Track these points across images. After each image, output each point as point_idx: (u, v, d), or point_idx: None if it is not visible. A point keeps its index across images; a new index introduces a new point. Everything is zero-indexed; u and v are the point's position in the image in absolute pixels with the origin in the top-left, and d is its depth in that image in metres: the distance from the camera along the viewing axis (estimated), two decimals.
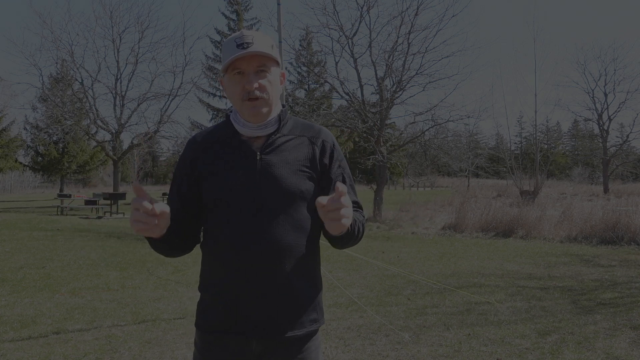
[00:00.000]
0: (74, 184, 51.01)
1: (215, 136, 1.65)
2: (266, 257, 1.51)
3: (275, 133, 1.61)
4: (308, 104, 19.28)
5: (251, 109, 1.55)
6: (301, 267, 1.57)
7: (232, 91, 1.58)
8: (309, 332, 1.59)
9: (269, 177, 1.55)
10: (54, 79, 30.02)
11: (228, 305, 1.54)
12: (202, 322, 1.60)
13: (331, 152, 1.66)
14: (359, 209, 1.68)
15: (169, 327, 4.75)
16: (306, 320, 1.58)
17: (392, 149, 17.54)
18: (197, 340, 1.63)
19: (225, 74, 1.59)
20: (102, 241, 11.16)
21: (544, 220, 11.90)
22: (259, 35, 1.56)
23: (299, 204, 1.57)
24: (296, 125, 1.67)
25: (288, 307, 1.54)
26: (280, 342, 1.54)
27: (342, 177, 1.66)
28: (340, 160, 1.68)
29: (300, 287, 1.56)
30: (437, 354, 4.08)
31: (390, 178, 49.07)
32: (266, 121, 1.60)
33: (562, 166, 66.62)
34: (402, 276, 7.11)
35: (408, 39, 15.95)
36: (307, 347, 1.59)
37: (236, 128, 1.62)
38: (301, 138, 1.64)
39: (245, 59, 1.53)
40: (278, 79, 1.61)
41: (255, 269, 1.51)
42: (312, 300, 1.60)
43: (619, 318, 5.02)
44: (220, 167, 1.58)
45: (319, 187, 1.62)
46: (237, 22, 35.78)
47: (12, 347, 4.23)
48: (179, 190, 1.63)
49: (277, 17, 4.68)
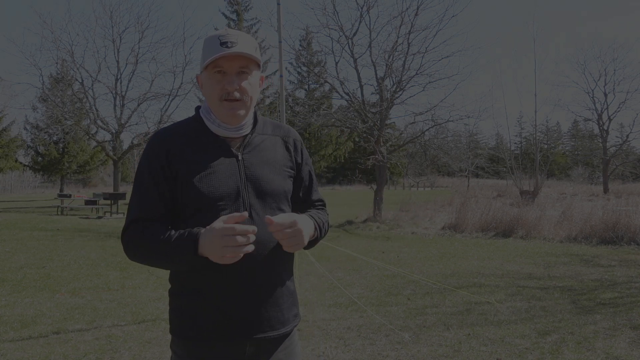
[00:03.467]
0: (74, 184, 50.97)
1: (187, 134, 1.56)
2: (255, 258, 1.48)
3: (251, 133, 1.60)
4: (308, 104, 19.27)
5: (229, 110, 1.51)
6: (285, 265, 1.59)
7: (211, 90, 1.52)
8: (293, 326, 1.62)
9: (253, 178, 1.53)
10: (54, 79, 30.02)
11: (220, 309, 1.48)
12: (188, 330, 1.52)
13: (301, 151, 1.69)
14: (324, 207, 1.75)
15: (169, 327, 4.74)
16: (291, 316, 1.61)
17: (392, 149, 17.53)
18: (179, 351, 1.55)
19: (204, 71, 1.53)
20: (102, 241, 11.17)
21: (543, 220, 11.90)
22: (243, 35, 1.53)
23: (282, 203, 1.58)
24: (266, 124, 1.67)
25: (278, 305, 1.55)
26: (271, 341, 1.55)
27: (309, 175, 1.72)
28: (307, 159, 1.72)
29: (286, 285, 1.59)
30: (437, 354, 4.08)
31: (390, 178, 49.06)
32: (241, 124, 1.57)
33: (562, 166, 66.58)
34: (402, 276, 7.11)
35: (408, 39, 15.94)
36: (290, 341, 1.62)
37: (210, 128, 1.56)
38: (274, 137, 1.64)
39: (228, 59, 1.49)
40: (257, 82, 1.58)
41: (246, 271, 1.48)
42: (293, 295, 1.63)
43: (619, 318, 5.02)
44: (201, 169, 1.50)
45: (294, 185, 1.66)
46: (237, 22, 35.82)
47: (12, 347, 4.23)
48: (160, 193, 1.50)
49: (277, 17, 4.68)
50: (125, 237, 1.51)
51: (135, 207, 1.52)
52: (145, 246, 1.46)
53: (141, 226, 1.49)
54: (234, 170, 1.52)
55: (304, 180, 1.69)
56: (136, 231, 1.49)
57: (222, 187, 1.49)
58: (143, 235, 1.47)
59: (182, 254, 1.41)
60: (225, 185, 1.50)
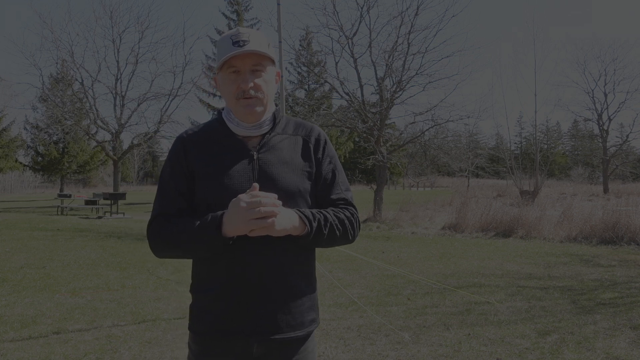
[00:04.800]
0: (74, 184, 51.02)
1: (207, 134, 1.61)
2: (266, 257, 1.50)
3: (270, 132, 1.60)
4: (308, 104, 19.28)
5: (245, 108, 1.54)
6: (300, 267, 1.57)
7: (227, 89, 1.56)
8: (308, 332, 1.59)
9: (267, 177, 1.53)
10: (54, 79, 30.06)
11: (229, 307, 1.50)
12: (199, 325, 1.56)
13: (323, 148, 1.65)
14: (347, 206, 1.64)
15: (169, 327, 4.75)
16: (306, 321, 1.57)
17: (392, 149, 17.52)
18: (192, 345, 1.59)
19: (219, 71, 1.57)
20: (102, 241, 11.17)
21: (543, 220, 11.90)
22: (255, 33, 1.55)
23: (297, 202, 1.56)
24: (289, 124, 1.67)
25: (289, 307, 1.53)
26: (281, 343, 1.53)
27: (332, 173, 1.64)
28: (332, 157, 1.67)
29: (300, 287, 1.56)
30: (437, 354, 4.08)
31: (390, 178, 49.07)
32: (260, 120, 1.58)
33: (562, 166, 66.60)
34: (402, 276, 7.11)
35: (408, 39, 15.94)
36: (305, 347, 1.59)
37: (229, 127, 1.59)
38: (295, 137, 1.64)
39: (241, 57, 1.52)
40: (273, 78, 1.60)
41: (256, 270, 1.49)
42: (310, 300, 1.60)
43: (619, 318, 5.02)
44: (216, 167, 1.54)
45: (314, 183, 1.62)
46: (237, 22, 35.81)
47: (12, 347, 4.23)
48: (179, 190, 1.57)
49: (277, 17, 4.67)
50: (149, 230, 1.57)
51: (158, 203, 1.59)
52: (170, 234, 1.51)
53: (164, 219, 1.55)
54: (249, 169, 1.54)
55: (324, 177, 1.63)
56: (160, 223, 1.55)
57: (235, 185, 1.52)
58: (167, 225, 1.53)
59: (205, 235, 1.45)
60: (238, 183, 1.52)
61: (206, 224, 1.45)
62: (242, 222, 1.40)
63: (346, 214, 1.59)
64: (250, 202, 1.39)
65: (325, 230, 1.52)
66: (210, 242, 1.45)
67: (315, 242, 1.54)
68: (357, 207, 1.68)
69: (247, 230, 1.41)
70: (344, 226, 1.57)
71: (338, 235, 1.56)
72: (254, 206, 1.39)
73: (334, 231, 1.55)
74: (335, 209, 1.60)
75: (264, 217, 1.40)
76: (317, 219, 1.52)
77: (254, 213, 1.39)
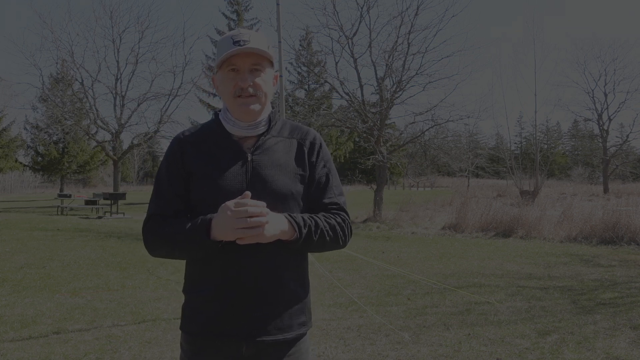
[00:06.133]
0: (74, 184, 50.99)
1: (204, 135, 1.62)
2: (261, 260, 1.50)
3: (266, 134, 1.60)
4: (308, 104, 19.26)
5: (243, 106, 1.54)
6: (295, 269, 1.57)
7: (225, 88, 1.57)
8: (298, 334, 1.58)
9: (259, 179, 1.54)
10: (54, 79, 30.08)
11: (223, 309, 1.51)
12: (190, 325, 1.57)
13: (318, 151, 1.65)
14: (339, 211, 1.62)
15: (169, 327, 4.74)
16: (295, 324, 1.57)
17: (392, 149, 17.52)
18: (184, 344, 1.60)
19: (218, 70, 1.58)
20: (102, 241, 11.17)
21: (544, 220, 11.90)
22: (255, 34, 1.56)
23: (290, 205, 1.56)
24: (285, 127, 1.67)
25: (279, 309, 1.54)
26: (270, 345, 1.53)
27: (325, 177, 1.64)
28: (327, 161, 1.67)
29: (291, 289, 1.56)
30: (437, 354, 4.08)
31: (390, 178, 49.05)
32: (257, 121, 1.59)
33: (562, 166, 66.57)
34: (402, 276, 7.11)
35: (408, 39, 15.95)
36: (296, 349, 1.58)
37: (226, 127, 1.60)
38: (290, 140, 1.64)
39: (241, 56, 1.53)
40: (272, 80, 1.61)
41: (247, 271, 1.50)
42: (301, 303, 1.59)
43: (619, 318, 5.03)
44: (211, 168, 1.55)
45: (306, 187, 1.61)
46: (237, 22, 35.80)
47: (12, 347, 4.23)
48: (175, 190, 1.58)
49: (277, 17, 4.67)
50: (144, 230, 1.59)
51: (154, 203, 1.61)
52: (163, 235, 1.53)
53: (159, 218, 1.56)
54: (242, 170, 1.54)
55: (317, 180, 1.62)
56: (154, 223, 1.56)
57: (228, 185, 1.52)
58: (160, 226, 1.54)
59: (195, 238, 1.46)
60: (231, 184, 1.53)
61: (196, 227, 1.47)
62: (229, 230, 1.41)
63: (337, 220, 1.59)
64: (235, 211, 1.40)
65: (315, 236, 1.52)
66: (201, 244, 1.47)
67: (305, 247, 1.54)
68: (357, 207, 1.69)
69: (234, 238, 1.42)
70: (334, 232, 1.57)
71: (328, 240, 1.56)
72: (240, 215, 1.39)
73: (324, 237, 1.55)
74: (327, 215, 1.59)
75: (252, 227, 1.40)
76: (307, 224, 1.51)
77: (242, 222, 1.39)
